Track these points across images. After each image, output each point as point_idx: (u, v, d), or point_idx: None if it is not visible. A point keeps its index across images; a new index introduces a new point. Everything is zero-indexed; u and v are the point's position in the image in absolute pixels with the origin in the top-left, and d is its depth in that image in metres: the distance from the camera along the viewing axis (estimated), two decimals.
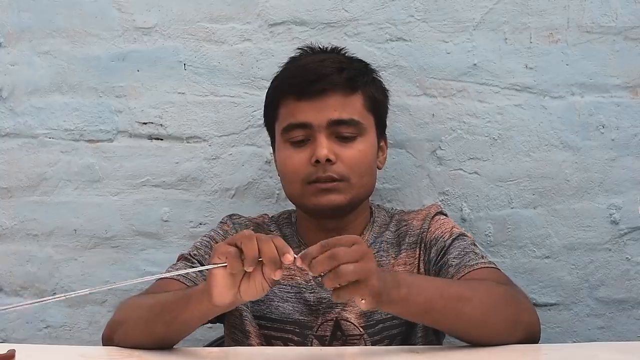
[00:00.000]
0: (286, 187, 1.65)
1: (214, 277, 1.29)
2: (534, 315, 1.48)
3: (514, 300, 1.46)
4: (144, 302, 1.50)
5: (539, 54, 1.90)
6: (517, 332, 1.43)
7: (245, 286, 1.30)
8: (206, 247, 1.64)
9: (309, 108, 1.59)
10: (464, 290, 1.42)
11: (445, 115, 1.92)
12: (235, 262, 1.26)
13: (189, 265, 1.60)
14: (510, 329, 1.42)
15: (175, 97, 1.97)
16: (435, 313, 1.37)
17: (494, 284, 1.47)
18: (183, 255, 1.63)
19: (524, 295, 1.52)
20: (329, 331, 1.59)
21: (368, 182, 1.63)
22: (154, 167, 1.98)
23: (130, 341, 1.44)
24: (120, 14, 1.96)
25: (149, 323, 1.43)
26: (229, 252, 1.27)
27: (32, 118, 1.99)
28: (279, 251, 1.26)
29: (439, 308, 1.37)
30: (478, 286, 1.44)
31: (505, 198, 1.92)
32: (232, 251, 1.27)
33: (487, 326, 1.40)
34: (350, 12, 1.92)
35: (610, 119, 1.90)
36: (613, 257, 1.92)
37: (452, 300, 1.38)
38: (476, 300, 1.40)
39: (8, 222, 2.01)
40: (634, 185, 1.90)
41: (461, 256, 1.55)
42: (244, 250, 1.26)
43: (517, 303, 1.46)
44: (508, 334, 1.42)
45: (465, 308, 1.38)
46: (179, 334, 1.43)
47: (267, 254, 1.25)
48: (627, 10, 1.88)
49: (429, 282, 1.44)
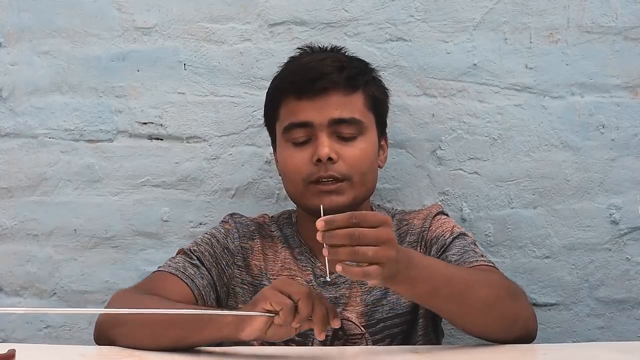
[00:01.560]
0: (287, 186, 1.65)
1: (255, 319, 1.30)
2: (532, 314, 1.49)
3: (516, 296, 1.48)
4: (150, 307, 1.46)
5: (539, 54, 1.90)
6: (516, 327, 1.43)
7: (273, 330, 1.30)
8: (207, 245, 1.64)
9: (310, 107, 1.59)
10: (472, 279, 1.42)
11: (445, 115, 1.92)
12: (289, 316, 1.27)
13: (188, 260, 1.59)
14: (510, 324, 1.42)
15: (175, 97, 1.96)
16: (440, 299, 1.37)
17: (501, 278, 1.48)
18: (183, 250, 1.63)
19: (524, 293, 1.53)
20: (330, 331, 1.58)
21: (369, 180, 1.63)
22: (154, 167, 1.98)
23: (131, 343, 1.43)
24: (120, 14, 1.96)
25: (156, 334, 1.40)
26: (285, 305, 1.27)
27: (32, 118, 1.99)
28: (329, 315, 1.29)
29: (444, 295, 1.37)
30: (485, 277, 1.45)
31: (505, 198, 1.92)
32: (289, 304, 1.27)
33: (488, 318, 1.40)
34: (350, 12, 1.92)
35: (610, 119, 1.90)
36: (613, 257, 1.92)
37: (459, 288, 1.38)
38: (482, 291, 1.40)
39: (8, 222, 2.01)
40: (634, 185, 1.90)
41: (461, 254, 1.56)
42: (300, 309, 1.27)
43: (519, 299, 1.48)
44: (507, 328, 1.42)
45: (471, 297, 1.38)
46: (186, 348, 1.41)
47: (320, 316, 1.28)
48: (627, 10, 1.88)
49: (440, 268, 1.42)
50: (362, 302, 1.60)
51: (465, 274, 1.45)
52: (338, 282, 1.62)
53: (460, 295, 1.38)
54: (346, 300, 1.60)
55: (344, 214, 1.23)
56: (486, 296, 1.40)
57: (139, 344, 1.42)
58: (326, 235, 1.23)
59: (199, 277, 1.57)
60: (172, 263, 1.60)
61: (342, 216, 1.23)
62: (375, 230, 1.24)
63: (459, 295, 1.38)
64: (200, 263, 1.60)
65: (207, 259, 1.62)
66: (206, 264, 1.61)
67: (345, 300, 1.60)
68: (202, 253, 1.62)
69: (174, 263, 1.59)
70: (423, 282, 1.34)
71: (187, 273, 1.57)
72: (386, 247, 1.24)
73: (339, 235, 1.22)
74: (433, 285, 1.35)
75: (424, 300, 1.40)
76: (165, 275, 1.57)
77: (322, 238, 1.23)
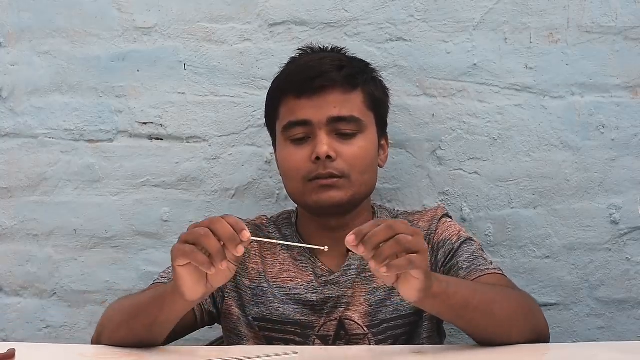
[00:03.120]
0: (287, 185, 1.65)
1: (179, 275, 1.30)
2: (546, 324, 1.51)
3: (532, 307, 1.50)
4: (125, 304, 1.51)
5: (539, 54, 1.90)
6: (535, 336, 1.45)
7: (212, 274, 1.30)
8: None
9: (309, 105, 1.59)
10: (492, 292, 1.44)
11: (445, 115, 1.92)
12: (200, 258, 1.26)
13: None
14: (528, 335, 1.44)
15: (175, 97, 1.97)
16: (471, 311, 1.38)
17: (513, 290, 1.50)
18: None
19: (536, 303, 1.55)
20: (333, 331, 1.59)
21: (369, 179, 1.63)
22: (154, 167, 1.98)
23: (115, 343, 1.45)
24: (120, 14, 1.96)
25: (129, 326, 1.44)
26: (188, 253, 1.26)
27: (32, 118, 1.99)
28: (235, 229, 1.25)
29: (473, 306, 1.37)
30: (501, 291, 1.47)
31: (505, 198, 1.92)
32: (189, 250, 1.26)
33: (511, 330, 1.42)
34: (350, 12, 1.92)
35: (610, 119, 1.90)
36: (613, 257, 1.92)
37: (484, 300, 1.39)
38: (504, 303, 1.42)
39: (8, 222, 2.01)
40: (634, 185, 1.90)
41: (471, 260, 1.57)
42: (206, 246, 1.25)
43: (535, 312, 1.50)
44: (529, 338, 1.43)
45: (496, 309, 1.40)
46: (161, 333, 1.44)
47: (225, 235, 1.25)
48: (627, 10, 1.88)
49: (460, 281, 1.45)
50: (365, 302, 1.60)
51: (484, 287, 1.46)
52: (340, 282, 1.61)
53: (487, 307, 1.39)
54: (349, 300, 1.60)
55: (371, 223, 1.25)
56: (509, 308, 1.42)
57: (124, 342, 1.44)
58: (367, 241, 1.22)
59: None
60: (166, 274, 1.60)
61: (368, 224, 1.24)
62: (414, 238, 1.24)
63: (486, 307, 1.39)
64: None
65: None
66: None
67: (348, 300, 1.60)
68: None
69: (167, 274, 1.60)
70: (454, 293, 1.35)
71: None
72: (423, 255, 1.25)
73: (379, 231, 1.22)
74: (463, 296, 1.37)
75: (459, 311, 1.39)
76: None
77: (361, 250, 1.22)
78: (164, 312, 1.39)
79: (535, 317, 1.48)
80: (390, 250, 1.23)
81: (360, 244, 1.23)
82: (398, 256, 1.23)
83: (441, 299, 1.34)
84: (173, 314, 1.40)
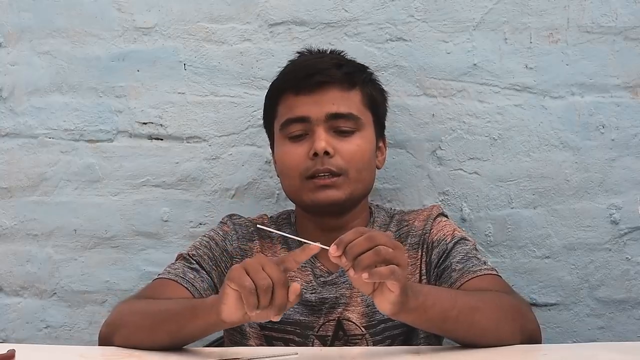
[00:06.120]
0: (285, 183, 1.65)
1: (227, 294, 1.29)
2: (536, 324, 1.50)
3: (520, 310, 1.48)
4: (146, 307, 1.49)
5: (539, 54, 1.90)
6: (526, 338, 1.44)
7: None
8: (205, 248, 1.64)
9: (307, 102, 1.60)
10: (475, 300, 1.42)
11: (445, 115, 1.92)
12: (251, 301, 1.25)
13: (187, 265, 1.60)
14: (517, 339, 1.43)
15: (175, 97, 1.97)
16: (451, 322, 1.38)
17: (501, 294, 1.48)
18: (182, 255, 1.63)
19: (526, 303, 1.54)
20: (331, 331, 1.59)
21: (366, 178, 1.63)
22: (154, 167, 1.98)
23: (131, 345, 1.44)
24: (120, 14, 1.96)
25: (152, 331, 1.42)
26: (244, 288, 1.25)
27: (32, 118, 1.99)
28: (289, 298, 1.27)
29: (453, 317, 1.37)
30: (486, 297, 1.45)
31: (505, 198, 1.92)
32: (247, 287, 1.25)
33: (498, 336, 1.41)
34: (350, 12, 1.92)
35: (610, 119, 1.90)
36: (613, 257, 1.92)
37: (465, 310, 1.38)
38: (487, 310, 1.41)
39: (8, 222, 2.01)
40: (634, 185, 1.90)
41: (464, 261, 1.56)
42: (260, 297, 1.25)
43: (524, 313, 1.49)
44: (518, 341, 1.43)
45: (478, 318, 1.39)
46: (183, 343, 1.43)
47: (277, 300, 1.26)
48: (627, 10, 1.88)
49: (441, 292, 1.44)
50: (363, 302, 1.60)
51: (467, 295, 1.45)
52: (338, 282, 1.61)
53: (468, 317, 1.38)
54: (347, 300, 1.60)
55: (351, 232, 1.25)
56: (493, 314, 1.41)
57: (139, 344, 1.43)
58: (347, 252, 1.23)
59: (199, 281, 1.57)
60: (172, 269, 1.60)
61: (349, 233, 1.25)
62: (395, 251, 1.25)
63: (467, 317, 1.38)
64: (199, 267, 1.60)
65: (207, 262, 1.61)
66: (206, 267, 1.61)
67: (346, 301, 1.60)
68: (201, 257, 1.62)
69: (173, 269, 1.60)
70: (431, 306, 1.35)
71: (186, 278, 1.57)
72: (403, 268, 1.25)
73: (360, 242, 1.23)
74: (442, 308, 1.36)
75: (437, 325, 1.40)
76: (165, 282, 1.57)
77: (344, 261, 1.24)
78: (195, 323, 1.38)
79: (524, 318, 1.47)
80: (368, 260, 1.23)
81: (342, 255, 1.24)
82: (377, 266, 1.24)
83: (417, 312, 1.33)
84: (202, 327, 1.39)
